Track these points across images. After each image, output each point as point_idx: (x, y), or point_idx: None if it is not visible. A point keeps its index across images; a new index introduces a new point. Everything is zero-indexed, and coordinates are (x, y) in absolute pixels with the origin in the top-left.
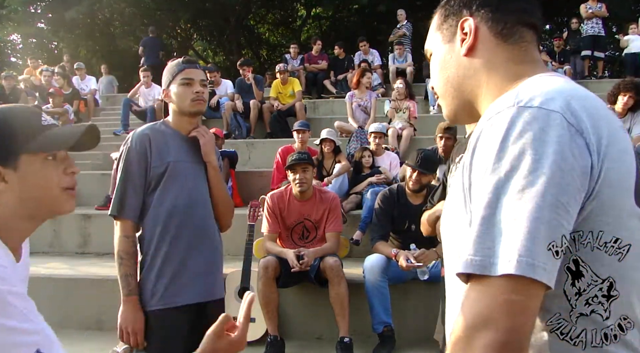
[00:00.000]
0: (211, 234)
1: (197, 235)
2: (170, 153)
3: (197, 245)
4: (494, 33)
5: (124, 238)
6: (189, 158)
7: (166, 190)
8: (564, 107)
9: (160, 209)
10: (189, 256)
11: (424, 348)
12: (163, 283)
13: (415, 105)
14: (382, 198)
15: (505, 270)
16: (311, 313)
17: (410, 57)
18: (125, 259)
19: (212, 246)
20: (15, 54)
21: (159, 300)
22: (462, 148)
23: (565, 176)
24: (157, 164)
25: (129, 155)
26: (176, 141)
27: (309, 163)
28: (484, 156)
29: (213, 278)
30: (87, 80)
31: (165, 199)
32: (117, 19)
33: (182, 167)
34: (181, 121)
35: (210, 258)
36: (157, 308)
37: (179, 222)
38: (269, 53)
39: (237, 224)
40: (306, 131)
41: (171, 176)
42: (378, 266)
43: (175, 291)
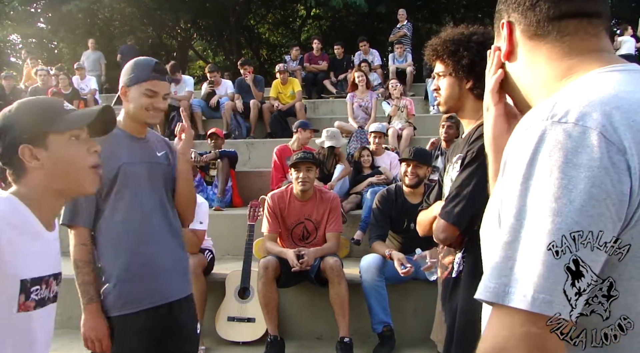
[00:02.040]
0: (171, 234)
1: (155, 241)
2: (122, 155)
3: (156, 250)
4: (528, 35)
5: (81, 245)
6: (142, 159)
7: (120, 197)
8: (604, 122)
9: (116, 218)
10: (148, 260)
11: (423, 348)
12: (125, 288)
13: (412, 102)
14: (380, 198)
15: (520, 305)
16: (311, 313)
17: (410, 57)
18: (81, 267)
19: (173, 245)
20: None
21: (122, 305)
22: (458, 147)
23: (598, 205)
24: (107, 169)
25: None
26: (127, 143)
27: (313, 162)
28: (512, 176)
29: (177, 276)
30: (86, 80)
31: (118, 208)
32: (117, 19)
33: (135, 169)
34: (133, 124)
35: (172, 257)
36: (121, 314)
37: (135, 231)
38: (269, 53)
39: (237, 224)
40: (305, 130)
41: (124, 181)
42: (374, 265)
43: (137, 295)
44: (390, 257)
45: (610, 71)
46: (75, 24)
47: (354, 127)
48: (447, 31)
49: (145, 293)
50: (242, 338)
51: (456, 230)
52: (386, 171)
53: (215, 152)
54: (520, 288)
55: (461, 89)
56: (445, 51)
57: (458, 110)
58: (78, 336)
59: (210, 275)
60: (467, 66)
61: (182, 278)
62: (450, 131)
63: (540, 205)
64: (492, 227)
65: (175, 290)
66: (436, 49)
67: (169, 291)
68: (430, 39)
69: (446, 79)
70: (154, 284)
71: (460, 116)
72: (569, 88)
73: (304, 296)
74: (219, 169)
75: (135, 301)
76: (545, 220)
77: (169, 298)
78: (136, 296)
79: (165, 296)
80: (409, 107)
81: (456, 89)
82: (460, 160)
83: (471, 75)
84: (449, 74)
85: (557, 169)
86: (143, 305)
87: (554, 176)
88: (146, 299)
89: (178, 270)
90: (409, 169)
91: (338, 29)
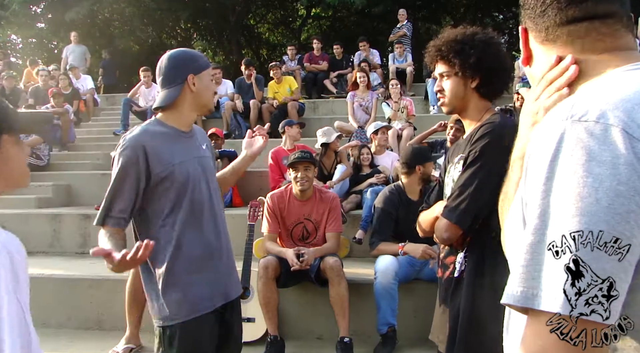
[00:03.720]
0: (224, 233)
1: (209, 243)
2: (176, 153)
3: (211, 251)
4: (539, 41)
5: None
6: (193, 155)
7: (178, 200)
8: (626, 119)
9: (175, 219)
10: (204, 264)
11: (423, 348)
12: (184, 295)
13: (412, 103)
14: (383, 198)
15: (551, 308)
16: (311, 313)
17: (410, 57)
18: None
19: (226, 247)
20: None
21: (180, 311)
22: (459, 147)
23: (625, 202)
24: (159, 170)
25: (121, 162)
26: (177, 140)
27: (311, 162)
28: (534, 177)
29: (231, 278)
30: (82, 79)
31: (177, 210)
32: (117, 19)
33: (190, 166)
34: (188, 116)
35: (224, 260)
36: (181, 321)
37: (193, 235)
38: (269, 53)
39: (237, 224)
40: (292, 126)
41: (180, 179)
42: (392, 269)
43: (195, 300)
44: (404, 248)
45: (629, 69)
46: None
47: (354, 127)
48: (448, 31)
49: (202, 298)
50: (242, 338)
51: (459, 230)
52: (386, 170)
53: (215, 152)
54: (548, 291)
55: (466, 89)
56: (450, 51)
57: (462, 110)
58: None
59: None
60: (474, 64)
61: (234, 280)
62: (458, 133)
63: (564, 205)
64: (516, 229)
65: (227, 294)
66: (440, 49)
67: (224, 294)
68: (430, 38)
69: (451, 79)
70: (210, 289)
71: (462, 117)
72: (586, 88)
73: (304, 296)
74: (218, 169)
75: (193, 306)
76: (571, 219)
77: (224, 301)
78: (199, 302)
79: (227, 296)
80: (409, 108)
81: (462, 88)
82: (462, 160)
83: (477, 73)
84: (455, 74)
85: (580, 168)
86: (202, 310)
87: (577, 175)
88: (205, 303)
89: (231, 273)
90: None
91: (338, 29)
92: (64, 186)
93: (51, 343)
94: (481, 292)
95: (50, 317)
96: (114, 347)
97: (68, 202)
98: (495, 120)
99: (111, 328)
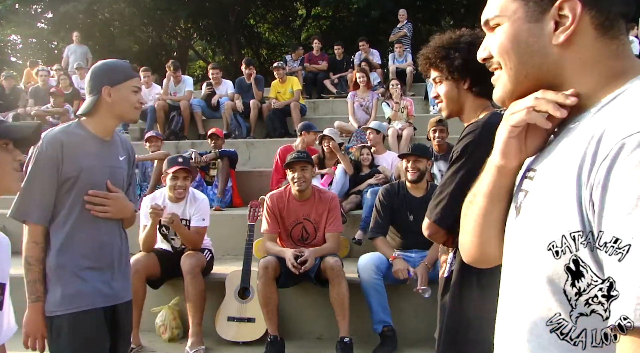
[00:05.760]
0: (120, 240)
1: (108, 244)
2: (86, 157)
3: (110, 252)
4: (595, 24)
5: (33, 244)
6: (105, 163)
7: (77, 200)
8: None
9: (71, 219)
10: (96, 263)
11: (424, 348)
12: (77, 288)
13: (412, 103)
14: (383, 191)
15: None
16: (311, 313)
17: (410, 57)
18: (33, 265)
19: (123, 251)
20: (15, 54)
21: (68, 304)
22: None
23: None
24: (70, 169)
25: (39, 158)
26: (93, 145)
27: (307, 161)
28: (626, 189)
29: (122, 283)
30: None
31: (75, 209)
32: (117, 19)
33: (97, 172)
34: (108, 124)
35: (117, 262)
36: (67, 313)
37: (86, 233)
38: (269, 53)
39: (237, 224)
40: (309, 133)
41: (84, 183)
42: (372, 263)
43: (85, 295)
44: (394, 261)
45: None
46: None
47: (354, 128)
48: (436, 39)
49: (96, 293)
50: (242, 338)
51: (439, 228)
52: (385, 170)
53: (215, 152)
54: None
55: (459, 91)
56: (437, 57)
57: (460, 113)
58: None
59: (210, 275)
60: (461, 66)
61: (127, 282)
62: (443, 134)
63: None
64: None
65: (122, 293)
66: (428, 56)
67: (117, 293)
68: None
69: (443, 84)
70: (104, 286)
71: (461, 119)
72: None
73: (304, 297)
74: (219, 169)
75: (81, 301)
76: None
77: (116, 300)
78: (88, 296)
79: (114, 298)
80: (409, 108)
81: (455, 91)
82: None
83: (467, 74)
84: (445, 78)
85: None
86: (89, 305)
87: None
88: (94, 300)
89: (123, 275)
90: (409, 164)
91: (338, 29)
92: None
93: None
94: (469, 292)
95: None
96: None
97: None
98: (482, 119)
99: None
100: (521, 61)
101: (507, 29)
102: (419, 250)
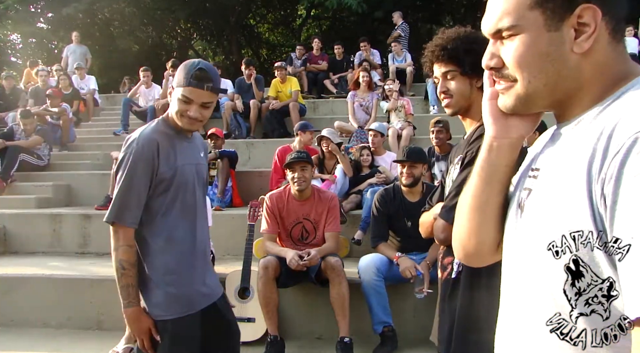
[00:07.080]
0: (207, 234)
1: (197, 241)
2: (178, 155)
3: (199, 251)
4: (609, 30)
5: (127, 247)
6: (191, 160)
7: (173, 200)
8: None
9: (169, 218)
10: (194, 264)
11: (424, 348)
12: (177, 291)
13: (409, 102)
14: (378, 197)
15: None
16: (311, 313)
17: (409, 56)
18: (128, 269)
19: (207, 249)
20: (15, 54)
21: (174, 309)
22: (460, 148)
23: None
24: (165, 169)
25: (135, 160)
26: (180, 143)
27: (307, 161)
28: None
29: (214, 277)
30: (86, 79)
31: (173, 208)
32: (116, 19)
33: (188, 170)
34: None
35: (207, 260)
36: (170, 318)
37: (184, 233)
38: (269, 53)
39: (237, 224)
40: (305, 132)
41: (180, 181)
42: (373, 265)
43: (188, 299)
44: (398, 261)
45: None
46: (75, 24)
47: (354, 128)
48: (449, 31)
49: (198, 296)
50: (242, 338)
51: None
52: (386, 170)
53: (215, 152)
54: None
55: (472, 88)
56: (458, 49)
57: (467, 111)
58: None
59: None
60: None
61: (216, 277)
62: (441, 135)
63: None
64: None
65: (214, 292)
66: (446, 48)
67: (212, 293)
68: (430, 38)
69: (456, 79)
70: (202, 286)
71: (464, 117)
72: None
73: (304, 297)
74: (219, 169)
75: (183, 306)
76: None
77: (213, 298)
78: (191, 299)
79: (211, 297)
80: (406, 107)
81: (468, 88)
82: (461, 161)
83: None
84: (460, 73)
85: None
86: (192, 309)
87: None
88: (197, 303)
89: (213, 272)
90: (404, 169)
91: (338, 29)
92: (64, 186)
93: (51, 343)
94: (478, 293)
95: (50, 317)
96: (114, 347)
97: (68, 202)
98: None
99: (111, 328)
100: (542, 70)
101: (527, 40)
102: (419, 252)
